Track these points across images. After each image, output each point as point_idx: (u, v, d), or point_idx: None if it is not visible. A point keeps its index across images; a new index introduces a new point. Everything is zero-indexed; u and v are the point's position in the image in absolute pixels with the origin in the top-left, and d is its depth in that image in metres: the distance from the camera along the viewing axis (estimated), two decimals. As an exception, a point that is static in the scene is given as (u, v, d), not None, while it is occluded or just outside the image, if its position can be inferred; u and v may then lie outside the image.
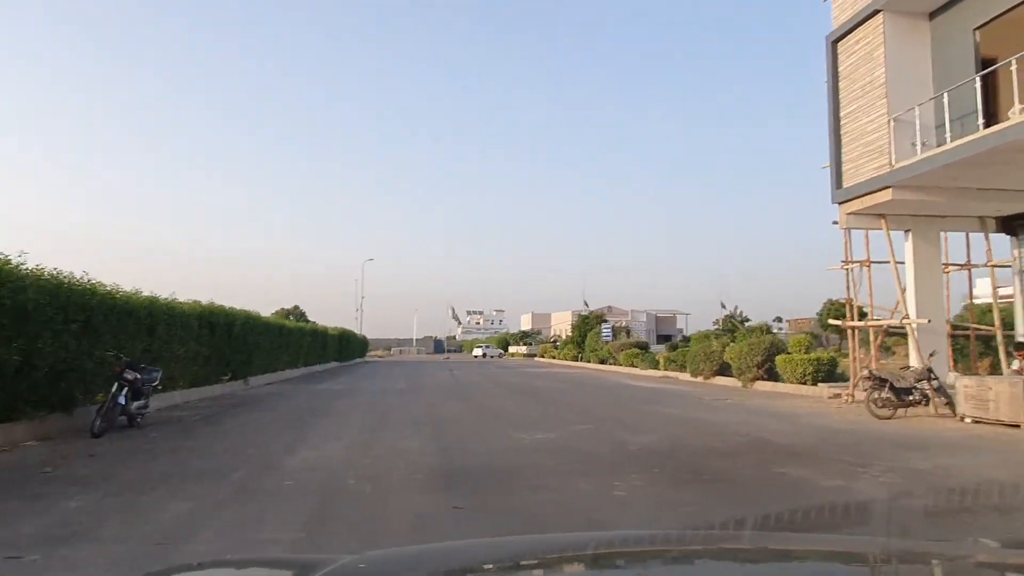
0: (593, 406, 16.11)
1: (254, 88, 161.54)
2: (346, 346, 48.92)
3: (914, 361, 15.80)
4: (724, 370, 26.10)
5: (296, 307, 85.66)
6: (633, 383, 26.12)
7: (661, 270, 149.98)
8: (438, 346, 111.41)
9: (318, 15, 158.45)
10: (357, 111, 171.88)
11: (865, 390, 14.02)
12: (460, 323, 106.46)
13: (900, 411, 13.55)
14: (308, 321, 52.49)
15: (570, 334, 58.15)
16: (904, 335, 19.58)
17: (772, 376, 22.64)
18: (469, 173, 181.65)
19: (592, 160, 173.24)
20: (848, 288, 17.31)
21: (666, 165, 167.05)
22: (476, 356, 77.76)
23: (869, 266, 16.82)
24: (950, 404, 13.44)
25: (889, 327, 17.12)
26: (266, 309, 48.40)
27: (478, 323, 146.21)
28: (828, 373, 20.81)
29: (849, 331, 17.40)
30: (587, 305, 69.07)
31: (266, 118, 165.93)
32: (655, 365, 34.52)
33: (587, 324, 51.11)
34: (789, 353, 22.06)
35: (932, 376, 13.77)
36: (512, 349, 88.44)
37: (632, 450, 9.23)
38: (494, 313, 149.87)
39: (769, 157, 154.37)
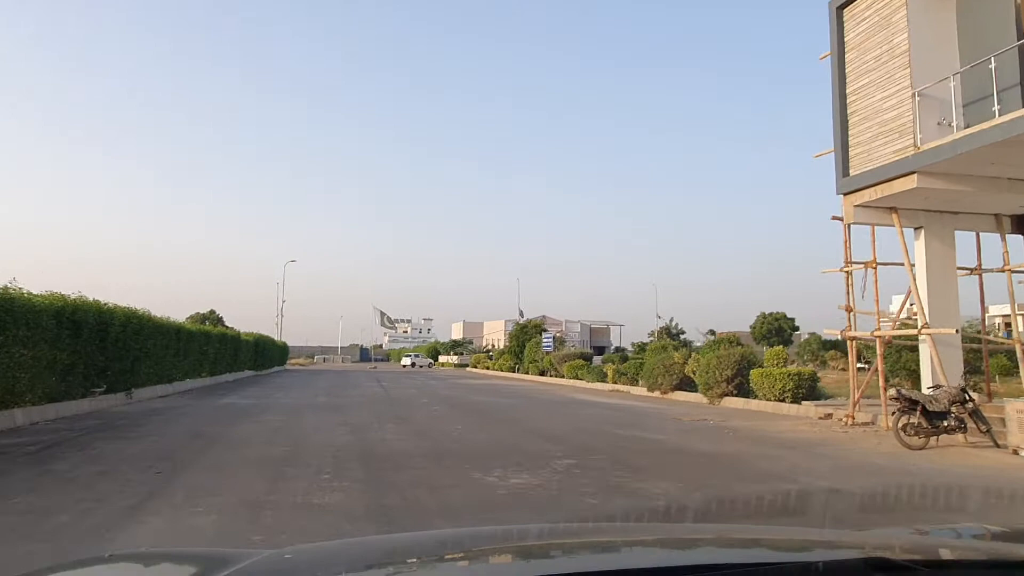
0: (559, 430, 13.21)
1: (168, 81, 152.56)
2: (263, 353, 44.57)
3: (929, 378, 13.63)
4: (684, 384, 23.78)
5: (212, 311, 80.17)
6: (587, 398, 23.40)
7: (593, 281, 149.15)
8: (364, 355, 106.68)
9: (241, 4, 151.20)
10: (282, 108, 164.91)
11: (892, 413, 11.67)
12: (391, 326, 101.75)
13: (932, 439, 11.28)
14: (226, 327, 47.88)
15: (506, 344, 55.34)
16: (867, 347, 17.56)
17: (742, 392, 20.38)
18: (397, 180, 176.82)
19: (525, 166, 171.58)
20: (848, 294, 15.04)
21: (601, 176, 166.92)
22: (405, 366, 74.64)
23: (876, 268, 14.60)
24: (989, 432, 11.23)
25: (892, 339, 14.94)
26: (180, 313, 43.35)
27: (406, 332, 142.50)
28: (809, 390, 18.65)
29: (849, 343, 15.11)
30: (522, 314, 66.71)
31: (187, 113, 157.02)
32: (602, 378, 32.03)
33: (525, 334, 48.29)
34: (763, 367, 19.85)
35: (968, 398, 11.54)
36: (442, 359, 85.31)
37: (659, 508, 6.34)
38: (422, 322, 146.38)
39: (703, 167, 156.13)
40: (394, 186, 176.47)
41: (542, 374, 41.93)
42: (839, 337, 15.80)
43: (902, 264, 14.66)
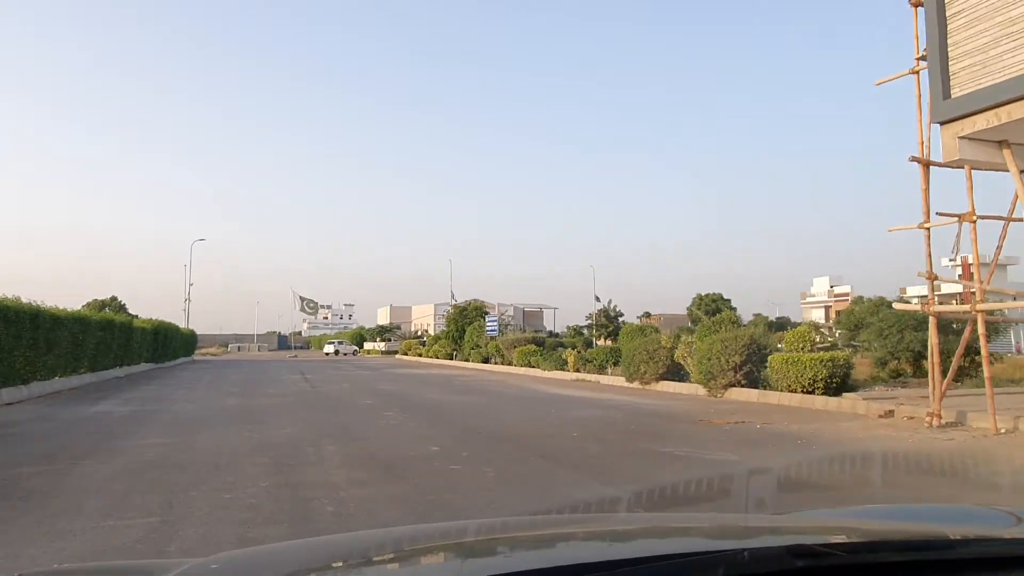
0: (579, 448, 9.23)
1: (72, 49, 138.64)
2: (165, 343, 38.70)
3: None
4: (671, 373, 20.29)
5: (114, 298, 72.78)
6: (559, 392, 19.57)
7: (522, 263, 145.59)
8: (283, 343, 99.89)
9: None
10: (197, 76, 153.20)
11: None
12: (311, 312, 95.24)
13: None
14: (129, 314, 41.68)
15: (443, 328, 51.04)
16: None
17: (752, 381, 16.98)
18: (314, 159, 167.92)
19: (449, 145, 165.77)
20: (928, 257, 11.65)
21: (529, 154, 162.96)
22: (328, 354, 69.62)
23: (975, 223, 11.20)
24: None
25: (979, 313, 11.59)
26: (75, 301, 36.73)
27: (326, 318, 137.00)
28: (843, 379, 15.37)
29: (931, 319, 11.70)
30: (455, 296, 62.35)
31: (92, 76, 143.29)
32: (562, 365, 28.33)
33: (465, 317, 44.17)
34: (783, 352, 16.48)
35: None
36: (368, 346, 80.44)
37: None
38: (343, 307, 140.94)
39: (639, 142, 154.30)
40: (312, 166, 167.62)
41: (485, 361, 38.01)
42: (920, 310, 12.39)
43: (1002, 218, 11.44)
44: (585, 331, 59.47)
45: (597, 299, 65.55)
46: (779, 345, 17.91)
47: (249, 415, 13.17)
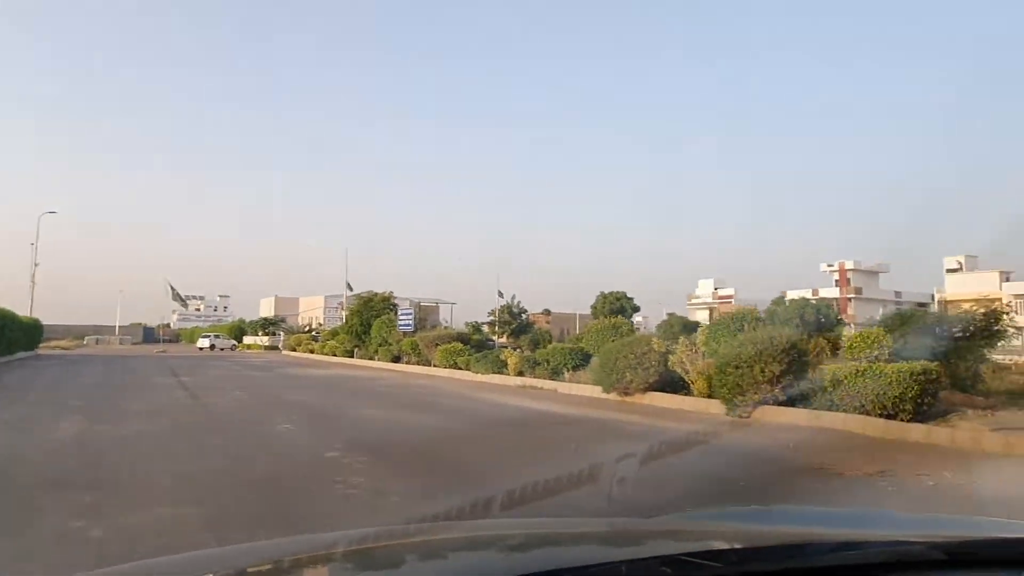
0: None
1: None
2: (-6, 335, 30.68)
3: None
4: (664, 382, 16.29)
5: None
6: (528, 405, 15.21)
7: (415, 256, 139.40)
8: (149, 335, 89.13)
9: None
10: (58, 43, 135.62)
11: None
12: (183, 303, 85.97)
13: None
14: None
15: (344, 322, 45.21)
16: None
17: (790, 398, 13.19)
18: (185, 144, 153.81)
19: (333, 135, 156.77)
20: None
21: (431, 146, 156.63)
22: (202, 348, 62.22)
23: None
24: None
25: None
26: None
27: (198, 309, 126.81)
28: (934, 398, 11.85)
29: None
30: (351, 288, 56.42)
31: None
32: (499, 368, 23.83)
33: (371, 309, 38.72)
34: (847, 360, 12.79)
35: None
36: (249, 340, 72.60)
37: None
38: (218, 299, 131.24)
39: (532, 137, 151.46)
40: (185, 149, 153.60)
41: (396, 360, 32.97)
42: None
43: None
44: (485, 327, 55.44)
45: (500, 295, 61.25)
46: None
47: (92, 463, 7.77)
